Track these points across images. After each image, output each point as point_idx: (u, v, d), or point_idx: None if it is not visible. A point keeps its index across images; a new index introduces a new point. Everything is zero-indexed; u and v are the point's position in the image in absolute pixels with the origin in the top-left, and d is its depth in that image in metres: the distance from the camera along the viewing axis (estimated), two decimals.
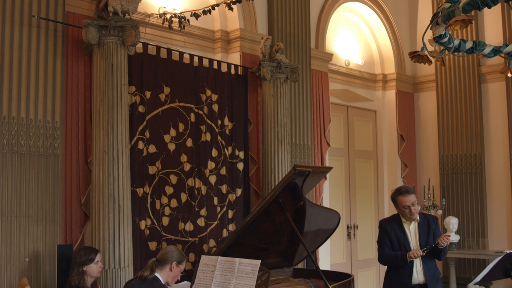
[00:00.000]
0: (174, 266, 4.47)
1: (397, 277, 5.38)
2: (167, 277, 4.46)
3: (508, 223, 8.93)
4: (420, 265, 5.30)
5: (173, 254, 4.48)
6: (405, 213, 5.36)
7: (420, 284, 5.32)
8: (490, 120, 9.23)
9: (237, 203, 6.75)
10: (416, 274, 5.31)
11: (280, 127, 6.83)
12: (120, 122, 5.32)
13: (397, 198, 5.42)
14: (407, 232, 5.40)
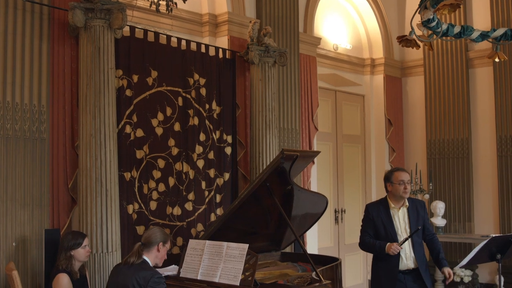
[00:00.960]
0: (161, 246, 4.47)
1: (385, 263, 5.28)
2: (155, 258, 4.46)
3: (494, 207, 9.00)
4: (409, 250, 5.21)
5: (157, 235, 4.47)
6: (399, 189, 5.22)
7: (409, 269, 5.23)
8: (477, 105, 9.26)
9: (225, 187, 6.75)
10: (406, 260, 5.21)
11: (268, 111, 6.82)
12: (107, 106, 5.29)
13: (393, 174, 5.30)
14: (394, 219, 5.29)
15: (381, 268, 5.32)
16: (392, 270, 5.19)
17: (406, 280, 5.18)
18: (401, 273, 5.20)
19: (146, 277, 4.18)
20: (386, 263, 5.23)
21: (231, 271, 4.45)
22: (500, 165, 8.82)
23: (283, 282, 4.77)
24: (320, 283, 4.53)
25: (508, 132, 8.74)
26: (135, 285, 4.15)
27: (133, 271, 4.24)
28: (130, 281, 4.18)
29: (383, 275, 5.27)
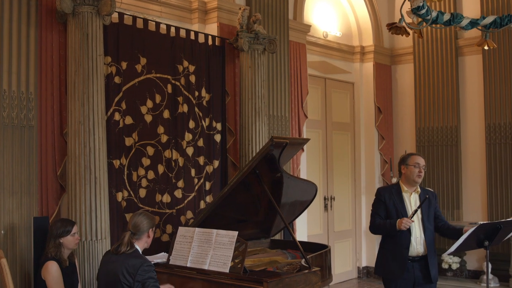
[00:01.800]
0: (150, 232, 4.47)
1: (394, 247, 5.11)
2: (144, 244, 4.46)
3: (482, 194, 9.05)
4: (420, 235, 5.07)
5: (146, 222, 4.45)
6: (413, 172, 5.10)
7: (419, 256, 5.07)
8: (467, 93, 9.29)
9: (214, 174, 6.75)
10: (415, 245, 5.05)
11: (257, 98, 6.81)
12: (96, 93, 5.26)
13: (409, 156, 5.20)
14: (406, 202, 5.16)
15: (390, 252, 5.16)
16: (402, 254, 5.03)
17: (414, 268, 5.05)
18: (409, 260, 5.05)
19: (135, 265, 4.17)
20: (396, 246, 5.09)
21: (221, 258, 4.46)
22: (489, 153, 8.86)
23: (273, 269, 4.78)
24: (310, 270, 4.54)
25: (497, 120, 8.77)
26: (125, 274, 4.15)
27: (123, 259, 4.24)
28: (119, 269, 4.17)
29: (392, 260, 5.12)
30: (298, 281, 4.38)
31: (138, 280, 4.14)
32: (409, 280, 5.04)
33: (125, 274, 4.14)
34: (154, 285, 4.16)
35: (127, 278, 4.14)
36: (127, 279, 4.14)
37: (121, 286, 4.15)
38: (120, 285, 4.15)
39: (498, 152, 8.76)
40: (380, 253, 5.34)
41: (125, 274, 4.14)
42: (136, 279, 4.13)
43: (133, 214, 4.59)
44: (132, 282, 4.14)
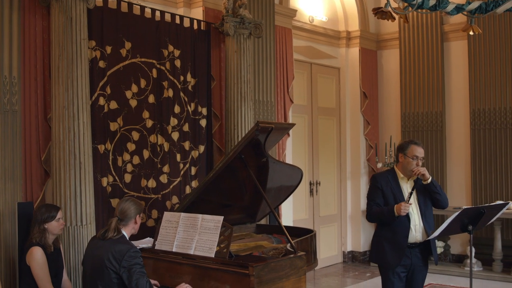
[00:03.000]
0: (137, 218, 4.45)
1: (391, 236, 4.97)
2: (131, 230, 4.44)
3: (466, 180, 9.12)
4: (419, 222, 4.95)
5: (133, 208, 4.42)
6: (411, 164, 4.95)
7: (417, 242, 4.95)
8: (452, 78, 9.32)
9: (200, 159, 6.74)
10: (415, 232, 4.93)
11: (243, 83, 6.79)
12: (80, 78, 5.22)
13: (409, 146, 5.02)
14: (403, 188, 5.03)
15: (387, 240, 5.01)
16: (400, 242, 4.91)
17: (412, 254, 4.95)
18: (408, 246, 4.93)
19: (122, 251, 4.15)
20: (394, 235, 4.95)
21: (206, 243, 4.46)
22: (473, 139, 8.91)
23: (258, 253, 4.79)
24: (295, 254, 4.56)
25: (481, 105, 8.82)
26: (111, 260, 4.13)
27: (109, 245, 4.22)
28: (105, 255, 4.15)
29: (390, 248, 4.98)
30: (284, 266, 4.40)
31: (124, 266, 4.12)
32: (407, 267, 4.97)
33: (111, 260, 4.13)
34: (140, 271, 4.15)
35: (113, 263, 4.13)
36: (113, 265, 4.13)
37: (107, 271, 4.13)
38: (106, 270, 4.13)
39: (483, 137, 8.82)
40: (376, 241, 5.18)
41: (111, 260, 4.13)
42: (122, 264, 4.12)
43: (120, 200, 4.57)
44: (118, 267, 4.12)
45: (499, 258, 8.47)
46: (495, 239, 8.48)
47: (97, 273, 4.17)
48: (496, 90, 8.69)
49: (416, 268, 4.98)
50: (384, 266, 5.07)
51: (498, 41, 8.67)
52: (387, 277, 5.04)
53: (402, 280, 5.00)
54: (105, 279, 4.14)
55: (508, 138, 8.60)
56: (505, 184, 8.63)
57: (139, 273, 4.13)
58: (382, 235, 5.09)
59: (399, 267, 4.95)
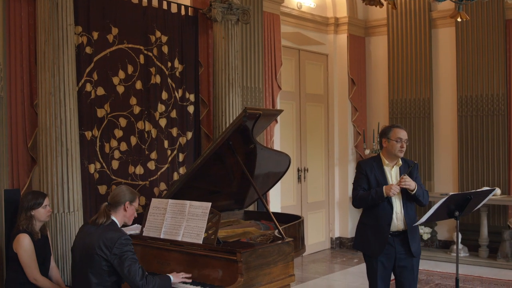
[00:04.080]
0: (128, 205, 4.37)
1: (375, 223, 4.96)
2: (122, 218, 4.38)
3: (453, 166, 9.17)
4: (401, 211, 4.92)
5: (124, 194, 4.37)
6: (395, 147, 4.92)
7: (399, 231, 4.93)
8: (439, 65, 9.34)
9: (187, 146, 6.73)
10: (396, 221, 4.90)
11: (231, 69, 6.77)
12: (67, 64, 5.18)
13: (391, 129, 4.99)
14: (387, 176, 5.00)
15: (370, 228, 5.01)
16: (383, 229, 4.91)
17: (395, 242, 4.92)
18: (390, 235, 4.92)
19: (113, 239, 4.12)
20: (377, 223, 4.95)
21: (194, 229, 4.46)
22: (460, 125, 8.95)
23: (246, 240, 4.80)
24: (283, 240, 4.57)
25: (469, 92, 8.85)
26: (102, 247, 4.10)
27: (100, 232, 4.19)
28: (96, 242, 4.12)
29: (372, 235, 4.98)
30: (272, 252, 4.41)
31: (115, 253, 4.10)
32: (391, 255, 4.94)
33: (102, 247, 4.10)
34: (132, 258, 4.13)
35: (104, 251, 4.10)
36: (104, 252, 4.10)
37: (97, 259, 4.11)
38: (97, 257, 4.11)
39: (470, 124, 8.86)
40: (360, 228, 5.19)
41: (102, 247, 4.10)
42: (113, 252, 4.09)
43: (116, 187, 4.55)
44: (109, 255, 4.10)
45: (485, 244, 8.54)
46: (481, 225, 8.54)
47: (86, 260, 4.15)
48: (483, 77, 8.72)
49: (401, 256, 4.95)
50: (367, 254, 5.07)
51: (485, 28, 8.69)
52: (370, 265, 5.04)
53: (387, 269, 4.97)
54: (95, 266, 4.13)
55: (495, 125, 8.65)
56: (492, 170, 8.69)
57: (130, 260, 4.11)
58: (365, 223, 5.09)
59: (383, 255, 4.93)
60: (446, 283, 7.38)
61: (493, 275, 7.79)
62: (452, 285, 7.14)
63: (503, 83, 8.58)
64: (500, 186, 8.54)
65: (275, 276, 4.43)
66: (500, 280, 7.52)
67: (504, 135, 8.59)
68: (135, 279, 4.07)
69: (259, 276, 4.28)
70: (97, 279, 4.13)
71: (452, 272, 7.60)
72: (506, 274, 7.81)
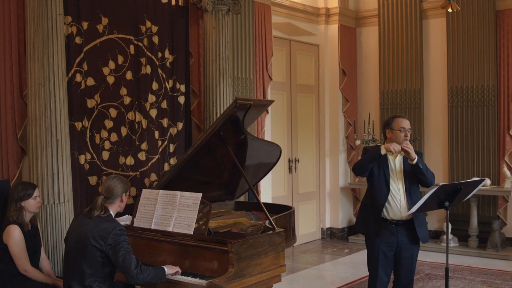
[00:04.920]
0: (124, 196, 4.41)
1: (373, 203, 4.95)
2: (117, 208, 4.40)
3: (443, 156, 9.20)
4: (404, 198, 4.89)
5: (120, 187, 4.38)
6: (399, 136, 4.89)
7: (403, 220, 4.89)
8: (430, 56, 9.34)
9: (178, 136, 6.71)
10: (400, 209, 4.87)
11: (222, 60, 6.75)
12: (56, 54, 5.15)
13: (394, 120, 4.98)
14: (391, 164, 4.95)
15: (370, 208, 5.00)
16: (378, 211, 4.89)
17: (398, 232, 4.90)
18: (394, 224, 4.91)
19: (107, 229, 4.13)
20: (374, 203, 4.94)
21: (185, 220, 4.45)
22: (451, 116, 8.97)
23: (237, 230, 4.81)
24: (274, 231, 4.58)
25: (459, 83, 8.87)
26: (96, 238, 4.10)
27: (95, 223, 4.18)
28: (91, 233, 4.12)
29: (372, 215, 4.96)
30: (262, 242, 4.41)
31: (110, 243, 4.10)
32: (392, 244, 4.92)
33: (97, 238, 4.10)
34: (126, 248, 4.14)
35: (99, 241, 4.10)
36: (98, 243, 4.10)
37: (91, 250, 4.10)
38: (91, 248, 4.10)
39: (460, 115, 8.88)
40: (361, 210, 5.22)
41: (96, 238, 4.10)
42: (107, 242, 4.10)
43: (107, 178, 4.53)
44: (104, 245, 4.10)
45: (475, 234, 8.58)
46: (471, 215, 8.58)
47: (80, 251, 4.15)
48: (474, 67, 8.74)
49: (404, 246, 4.92)
50: (367, 234, 5.08)
51: (476, 18, 8.70)
52: (372, 254, 5.03)
53: (389, 259, 4.96)
54: (89, 257, 4.12)
55: (485, 116, 8.67)
56: (482, 161, 8.72)
57: (125, 249, 4.11)
58: (365, 203, 5.13)
59: (384, 244, 4.92)
60: (436, 273, 7.42)
61: (483, 265, 7.84)
62: (442, 275, 7.18)
63: (493, 74, 8.61)
64: (490, 176, 8.59)
65: (266, 266, 4.44)
66: (489, 270, 7.57)
67: (494, 126, 8.62)
68: (129, 268, 4.08)
69: (250, 267, 4.28)
70: (90, 269, 4.14)
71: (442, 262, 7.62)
72: (495, 264, 7.87)
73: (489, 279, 7.11)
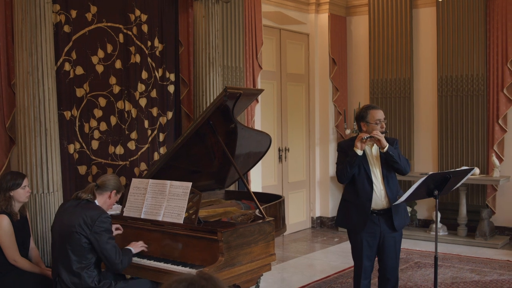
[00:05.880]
0: (113, 194, 4.42)
1: (356, 199, 4.91)
2: (103, 203, 4.40)
3: (433, 145, 9.23)
4: (382, 187, 4.87)
5: (113, 183, 4.42)
6: (375, 129, 4.82)
7: (384, 209, 4.87)
8: (420, 45, 9.35)
9: (168, 126, 6.69)
10: (380, 198, 4.86)
11: (211, 49, 6.72)
12: (45, 42, 5.10)
13: (368, 112, 4.88)
14: (367, 153, 4.90)
15: (352, 204, 4.96)
16: (364, 206, 4.86)
17: (380, 221, 4.89)
18: (375, 213, 4.89)
19: (93, 216, 4.14)
20: (357, 198, 4.90)
21: (175, 209, 4.45)
22: (440, 105, 9.00)
23: (227, 219, 4.81)
24: (264, 220, 4.58)
25: (449, 72, 8.89)
26: (82, 225, 4.11)
27: (80, 210, 4.19)
28: (76, 220, 4.13)
29: (354, 212, 4.94)
30: (252, 231, 4.42)
31: (95, 231, 4.12)
32: (375, 233, 4.91)
33: (82, 225, 4.11)
34: (109, 236, 4.16)
35: (84, 228, 4.11)
36: (84, 230, 4.11)
37: (77, 236, 4.11)
38: (77, 235, 4.11)
39: (449, 104, 8.91)
40: (342, 205, 5.15)
41: (82, 225, 4.11)
42: (93, 230, 4.12)
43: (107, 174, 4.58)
44: (89, 233, 4.11)
45: (464, 223, 8.63)
46: (460, 204, 8.63)
47: (67, 238, 4.15)
48: (464, 57, 8.75)
49: (386, 234, 4.93)
50: (351, 229, 5.06)
51: (466, 8, 8.70)
52: (355, 244, 5.02)
53: (372, 248, 4.95)
54: (75, 243, 4.13)
55: (474, 105, 8.70)
56: (471, 150, 8.76)
57: (108, 238, 4.16)
58: (347, 199, 5.06)
59: (368, 234, 4.92)
60: (425, 261, 7.46)
61: (472, 253, 7.89)
62: (431, 263, 7.22)
63: (482, 64, 8.62)
64: (478, 165, 8.63)
65: (256, 255, 4.44)
66: (478, 258, 7.62)
67: (483, 115, 8.65)
68: (111, 257, 4.16)
69: (240, 256, 4.29)
70: (77, 256, 4.15)
71: (431, 251, 7.69)
72: (484, 253, 7.92)
73: (478, 267, 7.16)
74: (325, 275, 6.96)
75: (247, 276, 4.40)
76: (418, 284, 6.49)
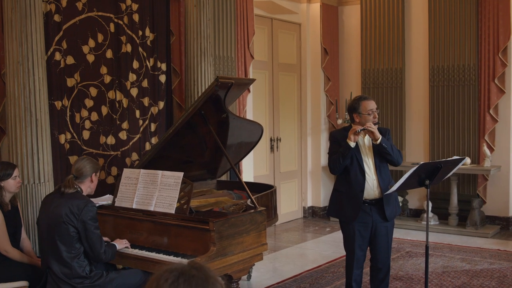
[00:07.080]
0: (94, 177, 4.43)
1: (348, 189, 4.92)
2: (87, 188, 4.42)
3: (424, 135, 9.25)
4: (375, 177, 4.88)
5: (89, 167, 4.40)
6: (368, 119, 4.82)
7: (376, 198, 4.89)
8: (412, 35, 9.35)
9: (159, 116, 6.67)
10: (372, 188, 4.87)
11: (203, 38, 6.69)
12: (35, 32, 5.07)
13: (360, 103, 4.88)
14: (360, 143, 4.90)
15: (344, 194, 4.96)
16: (356, 196, 4.87)
17: (372, 211, 4.90)
18: (367, 203, 4.89)
19: (79, 205, 4.15)
20: (350, 188, 4.90)
21: (166, 199, 4.45)
22: (432, 95, 9.01)
23: (219, 209, 4.81)
24: (255, 210, 4.59)
25: (441, 62, 8.90)
26: (68, 214, 4.12)
27: (66, 200, 4.19)
28: (63, 210, 4.13)
29: (346, 202, 4.94)
30: (244, 221, 4.42)
31: (83, 219, 4.13)
32: (368, 223, 4.93)
33: (69, 214, 4.11)
34: (95, 226, 4.18)
35: (71, 218, 4.12)
36: (71, 219, 4.12)
37: (65, 226, 4.11)
38: (64, 225, 4.11)
39: (441, 94, 8.92)
40: (334, 195, 5.14)
41: (68, 214, 4.11)
42: (80, 218, 4.12)
43: (76, 160, 4.54)
44: (76, 222, 4.13)
45: (455, 212, 8.67)
46: (451, 193, 8.66)
47: (55, 229, 4.15)
48: (455, 47, 8.76)
49: (378, 224, 4.94)
50: (343, 220, 5.07)
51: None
52: (347, 234, 5.03)
53: (364, 238, 4.97)
54: (63, 234, 4.13)
55: (466, 95, 8.72)
56: (462, 140, 8.79)
57: (94, 227, 4.19)
58: (339, 189, 5.05)
59: (360, 224, 4.93)
60: (417, 250, 7.49)
61: (462, 242, 7.93)
62: (422, 252, 7.25)
63: (474, 54, 8.64)
64: (470, 155, 8.66)
65: (248, 245, 4.45)
66: (468, 247, 7.66)
67: (474, 105, 8.67)
68: (96, 246, 4.20)
69: (231, 245, 4.29)
70: (66, 246, 4.16)
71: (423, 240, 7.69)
72: (475, 242, 7.96)
73: (468, 256, 7.20)
74: (317, 264, 6.98)
75: (239, 265, 4.41)
76: (410, 273, 6.52)
